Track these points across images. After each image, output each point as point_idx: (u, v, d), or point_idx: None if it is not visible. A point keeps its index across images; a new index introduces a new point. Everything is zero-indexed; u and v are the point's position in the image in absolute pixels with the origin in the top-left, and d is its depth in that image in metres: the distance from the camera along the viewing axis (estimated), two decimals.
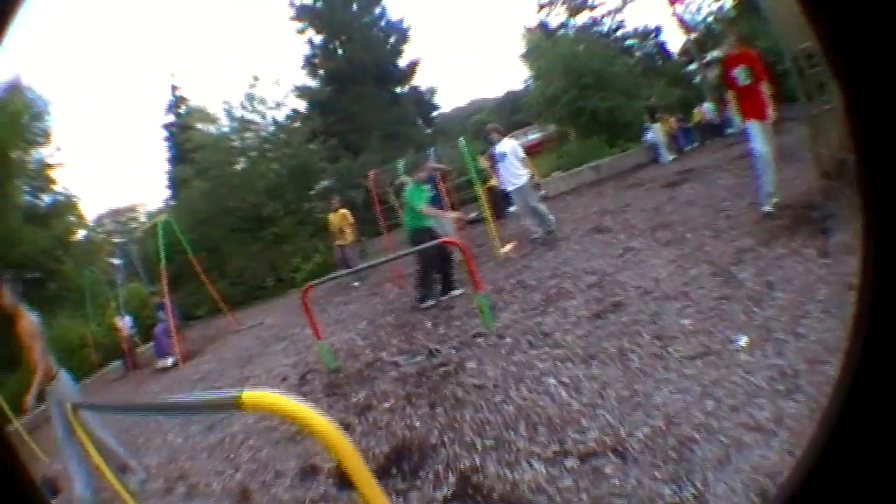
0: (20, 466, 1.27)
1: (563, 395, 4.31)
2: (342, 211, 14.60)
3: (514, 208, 12.82)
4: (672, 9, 27.19)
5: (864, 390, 0.83)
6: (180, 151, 28.15)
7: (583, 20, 32.23)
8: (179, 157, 28.67)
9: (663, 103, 22.15)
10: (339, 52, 31.51)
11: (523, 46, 34.26)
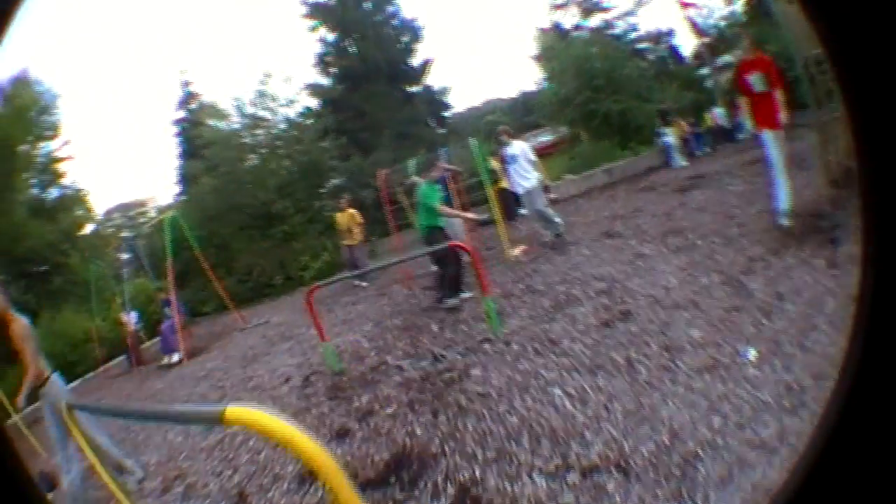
0: (18, 461, 1.27)
1: (567, 406, 4.23)
2: (350, 211, 14.52)
3: (524, 210, 12.74)
4: (684, 12, 27.09)
5: (863, 393, 0.86)
6: (191, 147, 28.17)
7: (596, 22, 32.17)
8: (190, 152, 28.69)
9: (676, 107, 22.04)
10: (351, 50, 31.45)
11: (537, 47, 34.23)
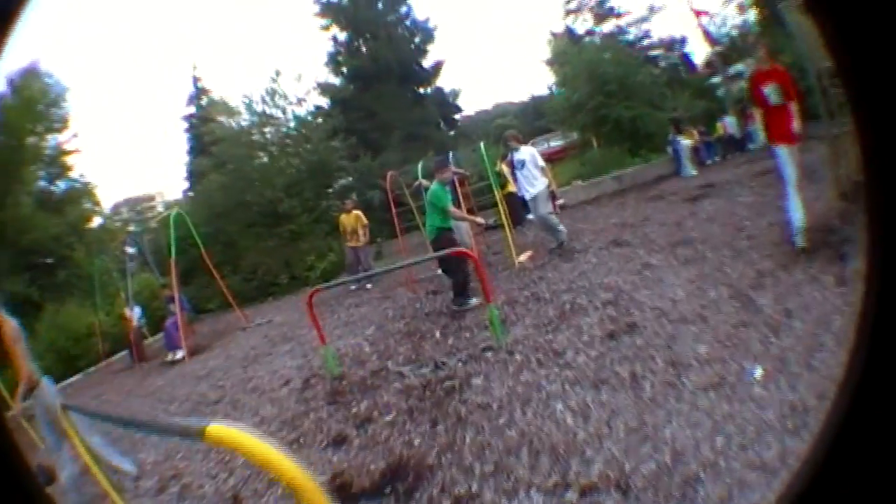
0: (17, 453, 1.26)
1: (569, 421, 4.14)
2: (356, 212, 14.44)
3: (532, 216, 12.64)
4: (697, 20, 27.00)
5: (863, 409, 0.84)
6: (200, 143, 28.22)
7: (609, 28, 32.16)
8: (199, 148, 28.74)
9: (687, 115, 21.94)
10: (363, 49, 31.48)
11: (549, 52, 34.23)
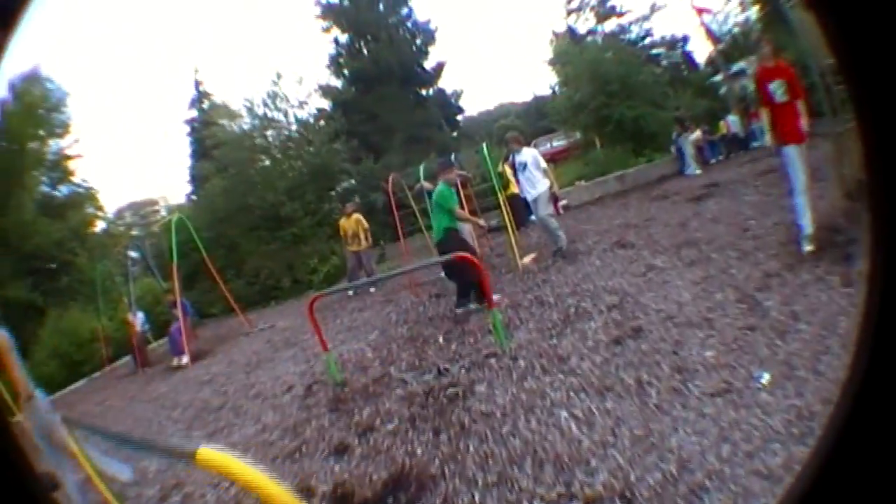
0: (22, 458, 1.25)
1: (573, 430, 4.07)
2: (356, 216, 14.42)
3: (535, 217, 12.58)
4: (699, 18, 26.89)
5: (865, 411, 0.85)
6: (202, 147, 28.19)
7: (611, 27, 32.10)
8: (201, 152, 28.70)
9: (690, 114, 21.85)
10: (364, 51, 31.43)
11: (551, 52, 34.14)
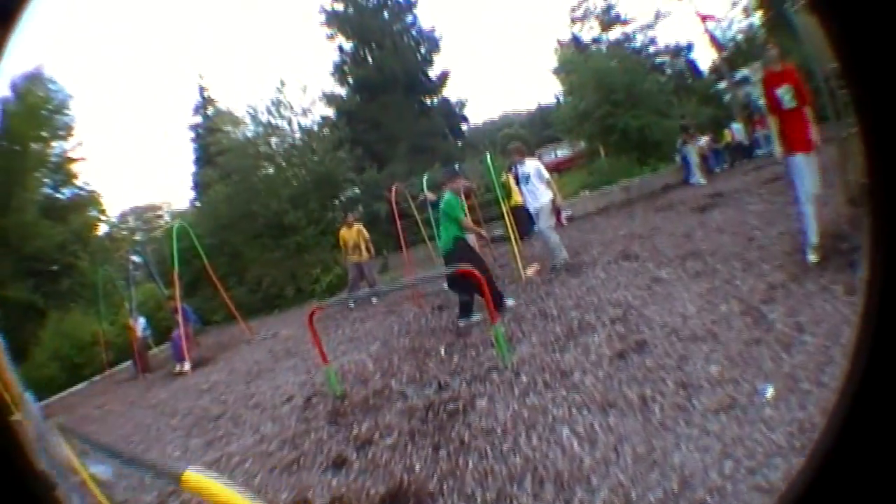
0: (22, 456, 1.24)
1: (575, 447, 4.00)
2: (357, 226, 14.29)
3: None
4: (703, 25, 26.93)
5: (869, 396, 0.85)
6: (206, 154, 28.21)
7: (615, 36, 32.08)
8: (205, 159, 28.72)
9: (694, 122, 21.81)
10: (369, 59, 31.45)
11: (556, 61, 34.15)
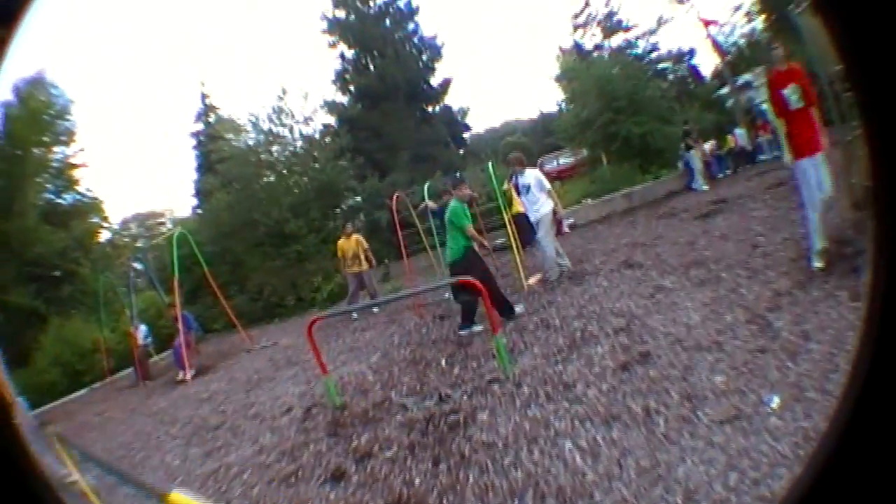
0: (28, 458, 1.16)
1: (577, 461, 3.92)
2: (356, 237, 14.21)
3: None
4: (706, 30, 26.91)
5: (872, 402, 0.84)
6: (207, 161, 28.17)
7: (617, 42, 32.02)
8: (206, 166, 28.69)
9: (697, 128, 21.74)
10: (370, 67, 31.44)
11: (558, 68, 34.09)
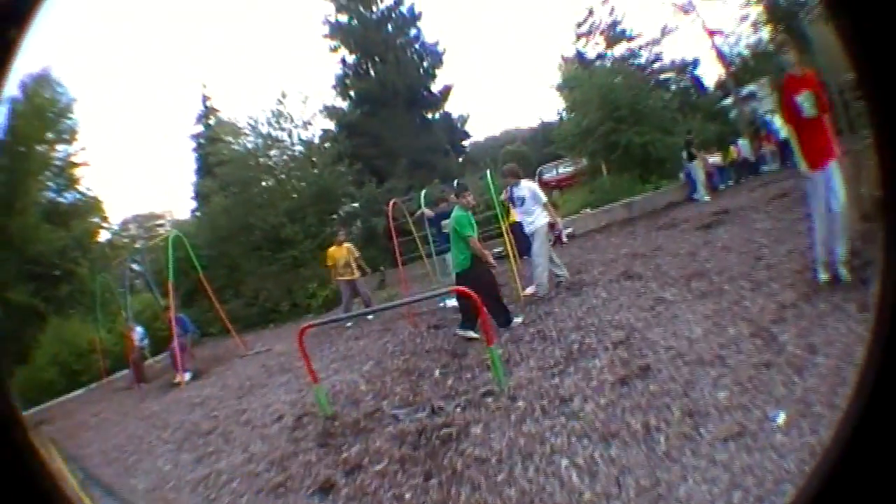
0: (34, 452, 1.11)
1: (574, 479, 3.81)
2: (347, 245, 14.19)
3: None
4: (711, 41, 26.88)
5: (881, 412, 0.84)
6: (206, 164, 28.11)
7: (620, 52, 31.96)
8: (205, 169, 28.62)
9: (701, 138, 21.68)
10: (371, 73, 31.43)
11: (559, 77, 34.02)
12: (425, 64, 32.73)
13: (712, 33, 26.35)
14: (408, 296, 11.79)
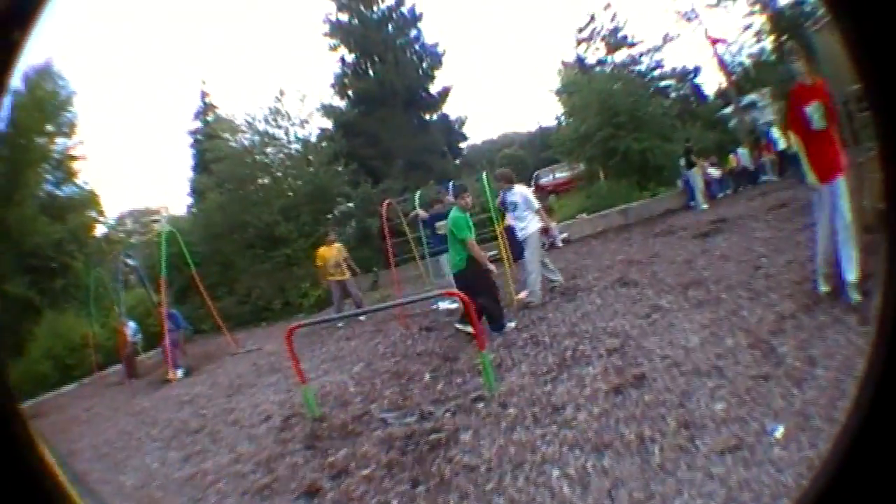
0: (32, 444, 1.04)
1: (565, 490, 3.75)
2: (337, 245, 14.23)
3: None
4: (713, 49, 26.90)
5: (880, 421, 0.83)
6: (202, 160, 28.07)
7: (621, 58, 31.99)
8: (202, 165, 28.58)
9: (700, 146, 21.68)
10: (370, 72, 31.42)
11: (558, 82, 34.03)
12: (424, 65, 32.74)
13: (715, 41, 26.43)
14: (400, 297, 11.77)
